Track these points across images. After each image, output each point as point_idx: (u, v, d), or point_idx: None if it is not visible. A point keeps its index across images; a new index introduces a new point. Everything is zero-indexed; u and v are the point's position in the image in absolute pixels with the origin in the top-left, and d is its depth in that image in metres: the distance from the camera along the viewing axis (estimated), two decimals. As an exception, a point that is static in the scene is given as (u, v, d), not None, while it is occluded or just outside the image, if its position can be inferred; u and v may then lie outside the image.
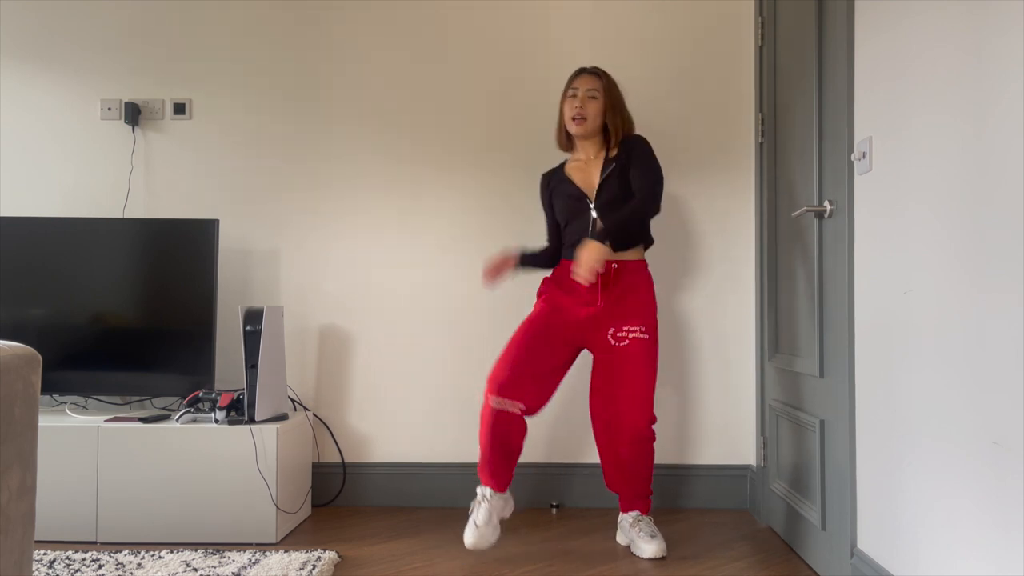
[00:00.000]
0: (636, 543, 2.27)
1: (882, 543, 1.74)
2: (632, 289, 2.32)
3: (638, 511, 2.34)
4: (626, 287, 2.32)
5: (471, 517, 2.25)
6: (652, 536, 2.26)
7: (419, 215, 2.91)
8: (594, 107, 2.35)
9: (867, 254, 1.81)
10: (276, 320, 2.56)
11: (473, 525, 2.22)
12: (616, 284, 2.30)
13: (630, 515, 2.34)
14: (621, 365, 2.29)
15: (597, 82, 2.38)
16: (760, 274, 2.71)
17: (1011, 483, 1.25)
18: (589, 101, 2.35)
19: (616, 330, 2.29)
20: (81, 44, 2.96)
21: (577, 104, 2.35)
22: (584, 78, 2.39)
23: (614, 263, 2.29)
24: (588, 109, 2.35)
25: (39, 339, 2.65)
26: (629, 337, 2.29)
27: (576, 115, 2.35)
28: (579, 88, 2.37)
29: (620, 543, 2.38)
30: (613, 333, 2.30)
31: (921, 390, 1.56)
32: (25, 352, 1.16)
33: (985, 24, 1.34)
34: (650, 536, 2.26)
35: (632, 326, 2.29)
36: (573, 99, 2.37)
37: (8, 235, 2.69)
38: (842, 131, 1.91)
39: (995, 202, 1.30)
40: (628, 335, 2.29)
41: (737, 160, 2.85)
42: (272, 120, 2.94)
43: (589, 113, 2.35)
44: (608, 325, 2.30)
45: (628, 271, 2.33)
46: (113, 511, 2.40)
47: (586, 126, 2.35)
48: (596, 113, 2.36)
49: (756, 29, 2.74)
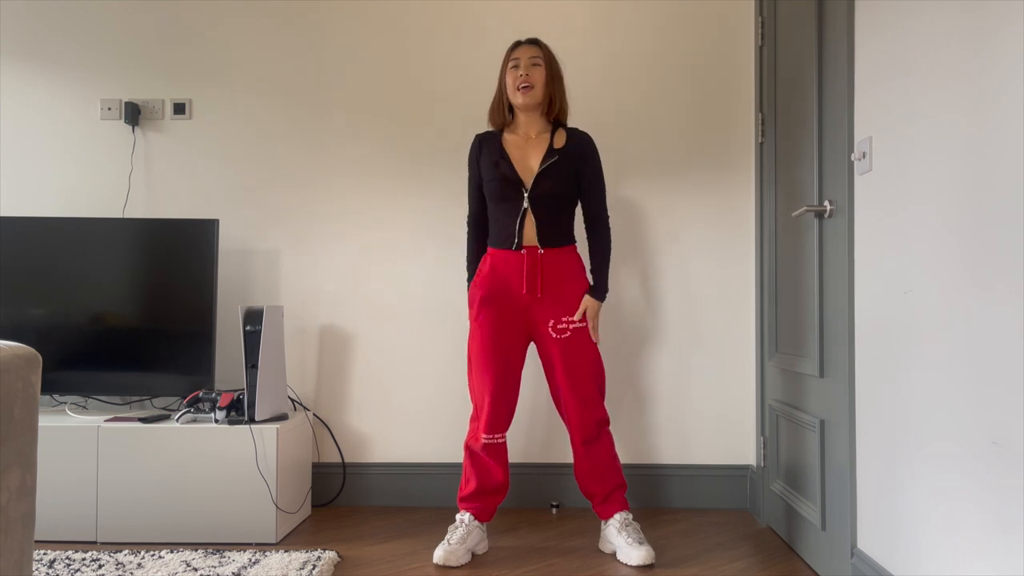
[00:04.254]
0: (624, 550, 2.21)
1: (882, 543, 1.74)
2: (566, 276, 2.29)
3: (620, 512, 2.29)
4: (560, 275, 2.28)
5: (445, 538, 2.25)
6: (640, 543, 2.21)
7: (419, 215, 2.91)
8: (539, 74, 2.29)
9: (867, 254, 1.81)
10: (276, 320, 2.56)
11: (446, 543, 2.22)
12: (549, 272, 2.27)
13: (615, 520, 2.28)
14: (565, 357, 2.27)
15: (538, 50, 2.32)
16: (760, 274, 2.71)
17: (1011, 483, 1.25)
18: (533, 68, 2.29)
19: (556, 322, 2.27)
20: (81, 44, 2.96)
21: (522, 71, 2.29)
22: (524, 47, 2.33)
23: (541, 250, 2.26)
24: (534, 76, 2.28)
25: (39, 339, 2.65)
26: (570, 328, 2.27)
27: (522, 83, 2.27)
28: (520, 57, 2.31)
29: (604, 551, 2.31)
30: (553, 325, 2.27)
31: (921, 390, 1.56)
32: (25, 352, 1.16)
33: (985, 24, 1.34)
34: (638, 543, 2.20)
35: (571, 316, 2.27)
36: (515, 69, 2.30)
37: (8, 235, 2.69)
38: (842, 131, 1.91)
39: (995, 202, 1.30)
40: (569, 326, 2.27)
41: (737, 160, 2.85)
42: (272, 120, 2.94)
43: (535, 80, 2.28)
44: (547, 317, 2.28)
45: (560, 258, 2.29)
46: (113, 511, 2.40)
47: (533, 93, 2.28)
48: (542, 81, 2.30)
49: (756, 29, 2.74)
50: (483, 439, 2.29)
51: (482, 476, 2.31)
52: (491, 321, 2.29)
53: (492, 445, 2.30)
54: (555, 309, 2.28)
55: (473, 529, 2.27)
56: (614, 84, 2.87)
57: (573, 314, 2.28)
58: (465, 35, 2.91)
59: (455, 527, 2.28)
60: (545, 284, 2.27)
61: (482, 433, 2.29)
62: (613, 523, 2.28)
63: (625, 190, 2.86)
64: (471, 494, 2.31)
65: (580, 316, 2.28)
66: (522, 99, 2.29)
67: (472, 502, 2.31)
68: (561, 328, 2.27)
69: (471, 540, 2.25)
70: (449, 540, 2.24)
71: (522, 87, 2.29)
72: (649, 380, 2.84)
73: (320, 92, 2.93)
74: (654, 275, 2.84)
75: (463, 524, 2.28)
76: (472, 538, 2.26)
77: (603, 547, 2.32)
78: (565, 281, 2.30)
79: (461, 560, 2.19)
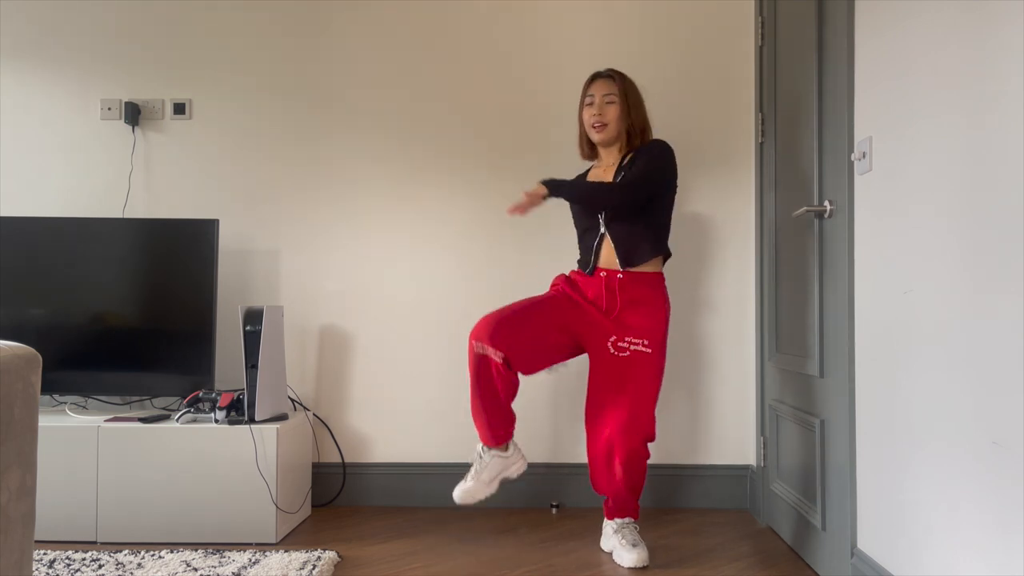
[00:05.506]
0: (618, 551, 2.21)
1: (882, 543, 1.74)
2: (643, 301, 2.24)
3: (626, 518, 2.28)
4: (636, 298, 2.24)
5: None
6: (634, 545, 2.19)
7: (419, 215, 2.91)
8: (613, 111, 2.28)
9: (867, 254, 1.81)
10: (276, 320, 2.56)
11: (464, 480, 2.22)
12: (624, 293, 2.24)
13: (616, 520, 2.28)
14: (619, 376, 2.22)
15: (613, 86, 2.30)
16: (760, 274, 2.71)
17: (1011, 483, 1.25)
18: (607, 106, 2.28)
19: (618, 339, 2.22)
20: (81, 44, 2.96)
21: (595, 111, 2.29)
22: (600, 83, 2.32)
23: (619, 273, 2.24)
24: (607, 115, 2.28)
25: (39, 339, 2.64)
26: (630, 349, 2.21)
27: (595, 122, 2.28)
28: (595, 94, 2.30)
29: (604, 549, 2.31)
30: (614, 342, 2.22)
31: (921, 390, 1.56)
32: (25, 352, 1.16)
33: (985, 24, 1.34)
34: (631, 545, 2.19)
35: (636, 338, 2.21)
36: (591, 107, 2.30)
37: (8, 235, 2.68)
38: (842, 131, 1.91)
39: (995, 201, 1.30)
40: (630, 347, 2.21)
41: (737, 160, 2.85)
42: (272, 120, 2.94)
43: (609, 118, 2.28)
44: (611, 332, 2.23)
45: (641, 283, 2.25)
46: (113, 511, 2.40)
47: (607, 132, 2.29)
48: (615, 117, 2.28)
49: (756, 29, 2.74)
50: (474, 346, 2.13)
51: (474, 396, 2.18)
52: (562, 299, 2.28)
53: (484, 360, 2.13)
54: (621, 329, 2.22)
55: (490, 459, 2.23)
56: (614, 84, 2.87)
57: (639, 336, 2.21)
58: (465, 36, 2.91)
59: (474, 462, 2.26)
60: (621, 304, 2.24)
61: (472, 339, 2.14)
62: (613, 523, 2.28)
63: (625, 190, 2.86)
64: (473, 416, 2.22)
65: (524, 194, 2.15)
66: (598, 137, 2.31)
67: (477, 425, 2.22)
68: (622, 346, 2.22)
69: (488, 471, 2.23)
70: (467, 477, 2.23)
71: (596, 125, 2.29)
72: (649, 380, 2.83)
73: (320, 92, 2.93)
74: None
75: (479, 456, 2.25)
76: (490, 469, 2.23)
77: (603, 545, 2.32)
78: (641, 305, 2.24)
79: (477, 496, 2.20)
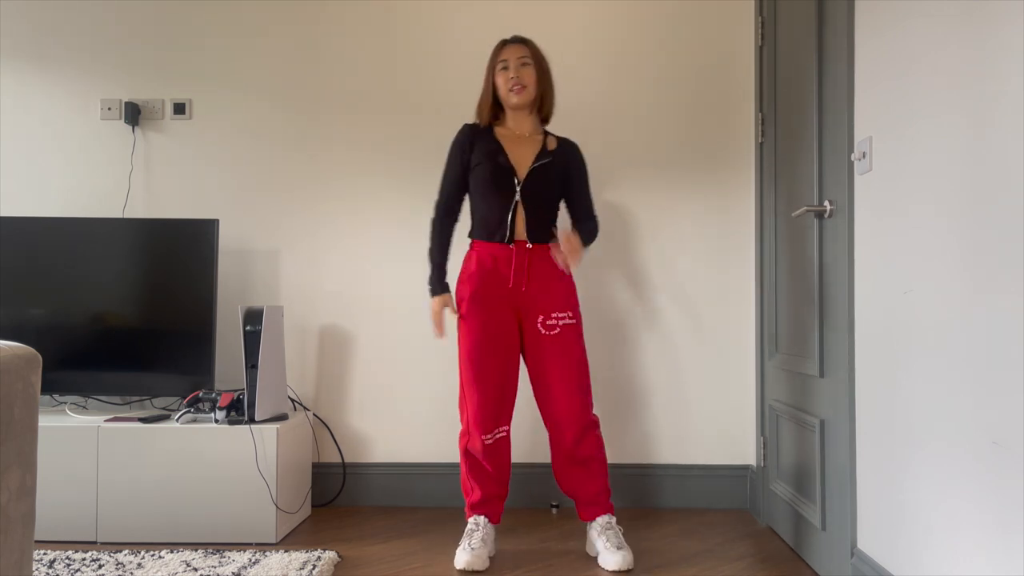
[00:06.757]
0: (602, 554, 2.17)
1: (882, 543, 1.74)
2: (553, 273, 2.26)
3: (603, 515, 2.24)
4: (548, 271, 2.26)
5: (464, 543, 2.19)
6: (618, 547, 2.15)
7: (419, 215, 2.90)
8: (529, 73, 2.28)
9: (867, 254, 1.81)
10: (276, 320, 2.56)
11: (468, 548, 2.15)
12: (537, 267, 2.25)
13: (597, 523, 2.24)
14: (554, 354, 2.23)
15: (525, 49, 2.30)
16: (760, 274, 2.71)
17: (1011, 483, 1.25)
18: (523, 68, 2.27)
19: (545, 317, 2.24)
20: (81, 44, 2.96)
21: (512, 74, 2.27)
22: (512, 47, 2.30)
23: (530, 244, 2.24)
24: (524, 76, 2.27)
25: (39, 339, 2.64)
26: (559, 324, 2.24)
27: (514, 84, 2.26)
28: (509, 58, 2.29)
29: (589, 553, 2.27)
30: (543, 321, 2.24)
31: (921, 390, 1.56)
32: (25, 352, 1.16)
33: (985, 24, 1.34)
34: (616, 547, 2.15)
35: (560, 312, 2.24)
36: (506, 71, 2.28)
37: (8, 235, 2.69)
38: (842, 131, 1.91)
39: (995, 202, 1.30)
40: (558, 322, 2.24)
41: (737, 160, 2.85)
42: (272, 120, 2.94)
43: (527, 80, 2.27)
44: (536, 312, 2.24)
45: (547, 254, 2.26)
46: (113, 511, 2.40)
47: (526, 94, 2.27)
48: (533, 80, 2.28)
49: (756, 29, 2.74)
50: (484, 439, 2.22)
51: (484, 484, 2.27)
52: (483, 318, 2.24)
53: (494, 444, 2.24)
54: (544, 304, 2.25)
55: (490, 531, 2.25)
56: (613, 84, 2.87)
57: (562, 310, 2.24)
58: (465, 36, 2.91)
59: (472, 531, 2.22)
60: (532, 278, 2.25)
61: (482, 434, 2.22)
62: (595, 526, 2.24)
63: (624, 190, 2.86)
64: (479, 502, 2.26)
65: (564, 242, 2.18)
66: (516, 99, 2.28)
67: (482, 508, 2.27)
68: (551, 324, 2.24)
69: (490, 541, 2.23)
70: (471, 544, 2.16)
71: (515, 87, 2.27)
72: (649, 380, 2.84)
73: (320, 92, 2.93)
74: (654, 275, 2.84)
75: (479, 527, 2.22)
76: (490, 539, 2.23)
77: (588, 549, 2.29)
78: (552, 278, 2.27)
79: (485, 564, 2.15)
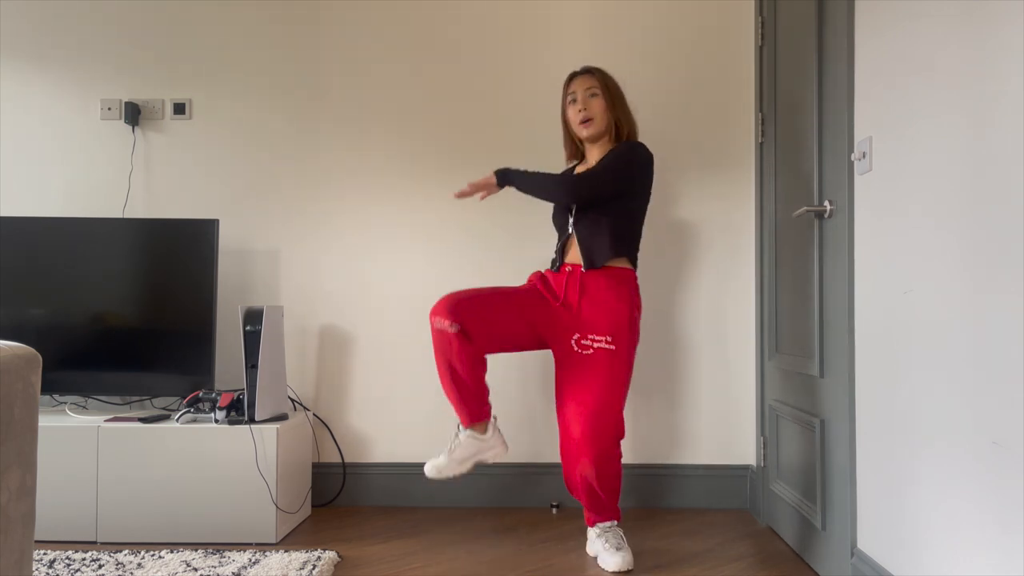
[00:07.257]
0: (601, 555, 2.17)
1: (882, 543, 1.74)
2: (605, 299, 2.19)
3: (608, 521, 2.23)
4: (599, 295, 2.19)
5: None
6: (618, 548, 2.14)
7: (419, 215, 2.91)
8: (597, 104, 2.26)
9: (867, 254, 1.81)
10: (276, 320, 2.56)
11: (437, 455, 2.19)
12: (586, 288, 2.20)
13: (598, 526, 2.23)
14: (583, 375, 2.16)
15: (593, 80, 2.28)
16: (760, 274, 2.71)
17: (1011, 483, 1.25)
18: (591, 100, 2.26)
19: (581, 337, 2.17)
20: (81, 44, 2.96)
21: (579, 107, 2.26)
22: (579, 79, 2.30)
23: (569, 266, 2.24)
24: (592, 108, 2.26)
25: (39, 339, 2.64)
26: (593, 346, 2.16)
27: (582, 118, 2.26)
28: (577, 90, 2.28)
29: (589, 553, 2.27)
30: (577, 340, 2.18)
31: (921, 390, 1.56)
32: (25, 352, 1.16)
33: (985, 24, 1.34)
34: (615, 548, 2.14)
35: (598, 335, 2.16)
36: (574, 104, 2.28)
37: (8, 235, 2.68)
38: (842, 131, 1.91)
39: (996, 202, 1.30)
40: (593, 344, 2.16)
41: (737, 160, 2.85)
42: (272, 120, 2.93)
43: (594, 112, 2.26)
44: (573, 330, 2.19)
45: (604, 280, 2.21)
46: (113, 511, 2.40)
47: (594, 126, 2.26)
48: (602, 110, 2.26)
49: (756, 29, 2.74)
50: (434, 323, 2.11)
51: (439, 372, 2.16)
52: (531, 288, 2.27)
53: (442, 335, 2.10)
54: (583, 327, 2.18)
55: (465, 439, 2.18)
56: (614, 84, 2.87)
57: (602, 335, 2.16)
58: (465, 35, 2.91)
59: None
60: (581, 298, 2.20)
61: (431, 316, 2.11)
62: (595, 528, 2.25)
63: (625, 190, 2.86)
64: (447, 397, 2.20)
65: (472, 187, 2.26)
66: (586, 132, 2.28)
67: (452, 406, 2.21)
68: (585, 344, 2.17)
69: (461, 451, 2.18)
70: (441, 454, 2.19)
71: (583, 121, 2.26)
72: (649, 380, 2.84)
73: (321, 92, 2.93)
74: (654, 275, 2.84)
75: (453, 435, 2.22)
76: (463, 448, 2.17)
77: (588, 549, 2.29)
78: (603, 302, 2.19)
79: (446, 473, 2.17)
